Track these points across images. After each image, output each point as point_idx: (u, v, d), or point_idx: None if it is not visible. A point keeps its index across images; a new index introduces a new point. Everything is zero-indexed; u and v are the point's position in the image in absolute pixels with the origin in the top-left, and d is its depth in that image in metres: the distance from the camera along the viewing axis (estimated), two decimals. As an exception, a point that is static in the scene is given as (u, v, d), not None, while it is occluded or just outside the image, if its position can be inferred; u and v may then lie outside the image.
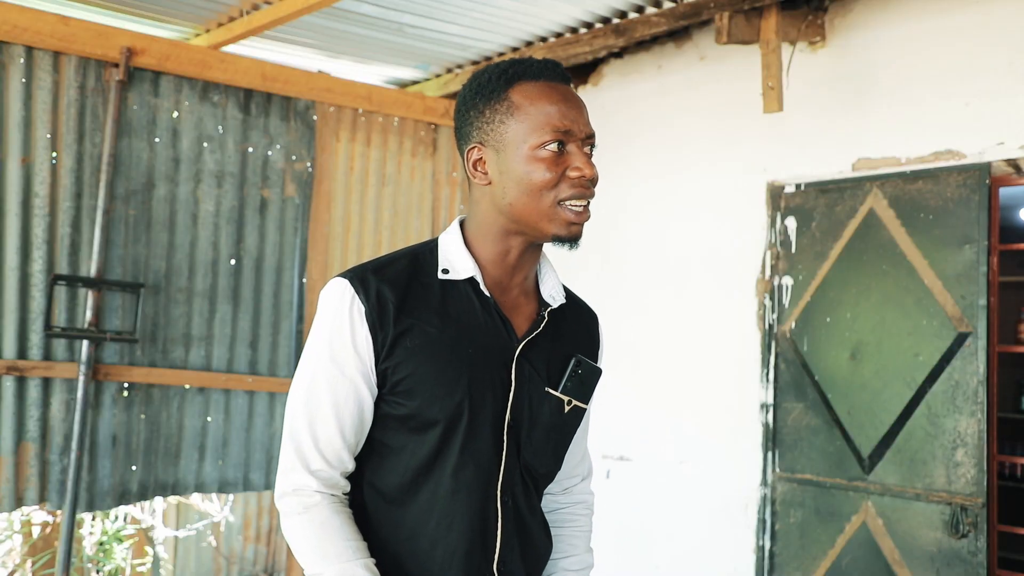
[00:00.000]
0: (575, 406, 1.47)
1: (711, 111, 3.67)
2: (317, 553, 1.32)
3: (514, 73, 1.38)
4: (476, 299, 1.41)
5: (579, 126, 1.36)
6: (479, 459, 1.38)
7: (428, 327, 1.36)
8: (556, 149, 1.34)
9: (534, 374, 1.43)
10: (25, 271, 3.26)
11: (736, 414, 3.46)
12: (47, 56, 3.30)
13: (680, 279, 3.73)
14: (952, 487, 2.85)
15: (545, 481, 1.52)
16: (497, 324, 1.41)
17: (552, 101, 1.36)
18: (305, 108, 3.88)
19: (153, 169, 3.51)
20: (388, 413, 1.38)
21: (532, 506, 1.48)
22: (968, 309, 2.86)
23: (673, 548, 3.62)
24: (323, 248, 3.90)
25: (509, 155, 1.36)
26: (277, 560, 4.74)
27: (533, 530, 1.48)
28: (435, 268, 1.42)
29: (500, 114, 1.37)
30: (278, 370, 3.78)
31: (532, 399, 1.43)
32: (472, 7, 3.35)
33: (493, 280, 1.43)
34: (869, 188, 3.13)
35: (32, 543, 4.03)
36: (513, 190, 1.37)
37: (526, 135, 1.35)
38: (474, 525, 1.38)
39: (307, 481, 1.35)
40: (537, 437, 1.44)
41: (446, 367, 1.36)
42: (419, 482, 1.38)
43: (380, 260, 1.43)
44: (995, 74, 2.86)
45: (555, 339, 1.47)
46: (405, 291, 1.38)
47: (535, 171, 1.34)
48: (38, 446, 3.27)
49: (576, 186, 1.35)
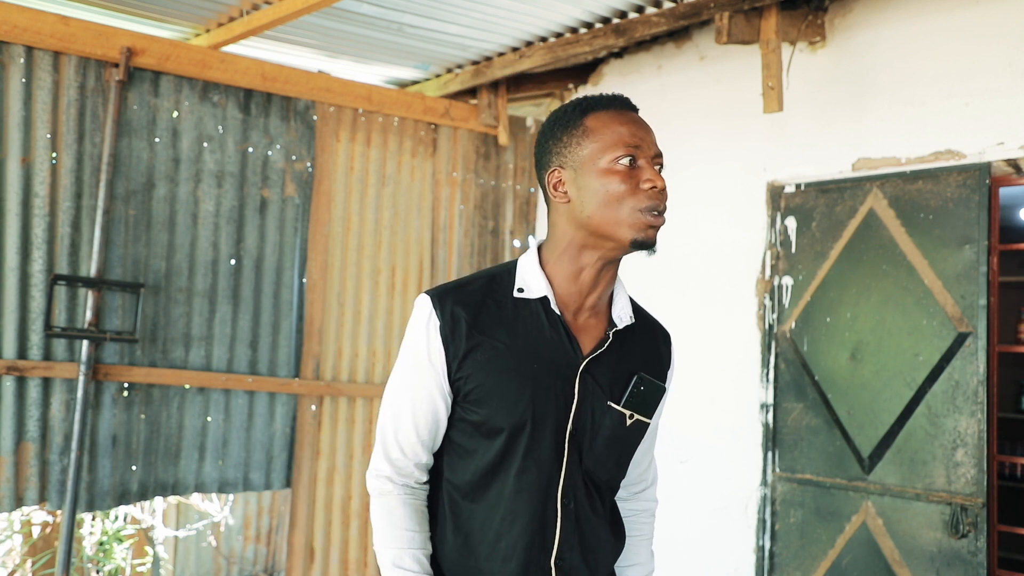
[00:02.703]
0: (637, 420, 1.59)
1: (711, 111, 3.67)
2: (381, 535, 1.54)
3: (588, 104, 1.53)
4: (546, 317, 1.54)
5: (648, 144, 1.50)
6: (540, 464, 1.52)
7: (497, 343, 1.51)
8: (628, 164, 1.47)
9: (597, 389, 1.55)
10: (25, 271, 3.26)
11: (736, 414, 3.46)
12: (47, 56, 3.30)
13: (680, 279, 3.73)
14: (952, 487, 2.85)
15: (608, 488, 1.63)
16: (564, 341, 1.54)
17: (622, 123, 1.50)
18: (305, 108, 3.88)
19: (153, 169, 3.51)
20: (463, 418, 1.55)
21: (596, 509, 1.59)
22: (968, 309, 2.86)
23: (673, 548, 3.62)
24: (323, 248, 3.90)
25: (586, 172, 1.49)
26: (277, 560, 4.74)
27: (597, 531, 1.60)
28: (511, 287, 1.56)
29: (576, 138, 1.51)
30: (278, 370, 3.78)
31: (595, 412, 1.55)
32: (472, 7, 3.35)
33: (565, 300, 1.56)
34: (869, 188, 3.13)
35: (32, 543, 4.03)
36: (591, 203, 1.49)
37: (601, 152, 1.48)
38: (534, 522, 1.53)
39: (385, 467, 1.56)
40: (599, 447, 1.57)
41: (512, 380, 1.51)
42: (488, 481, 1.54)
43: (461, 280, 1.59)
44: (995, 74, 2.86)
45: (620, 357, 1.59)
46: (478, 309, 1.53)
47: (611, 183, 1.47)
48: (38, 446, 3.27)
49: (650, 197, 1.47)
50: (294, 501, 3.86)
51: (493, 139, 4.38)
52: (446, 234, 4.26)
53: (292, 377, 3.81)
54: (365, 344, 4.00)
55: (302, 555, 3.89)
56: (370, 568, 4.02)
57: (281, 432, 3.78)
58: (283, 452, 3.79)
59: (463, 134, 4.30)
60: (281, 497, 4.71)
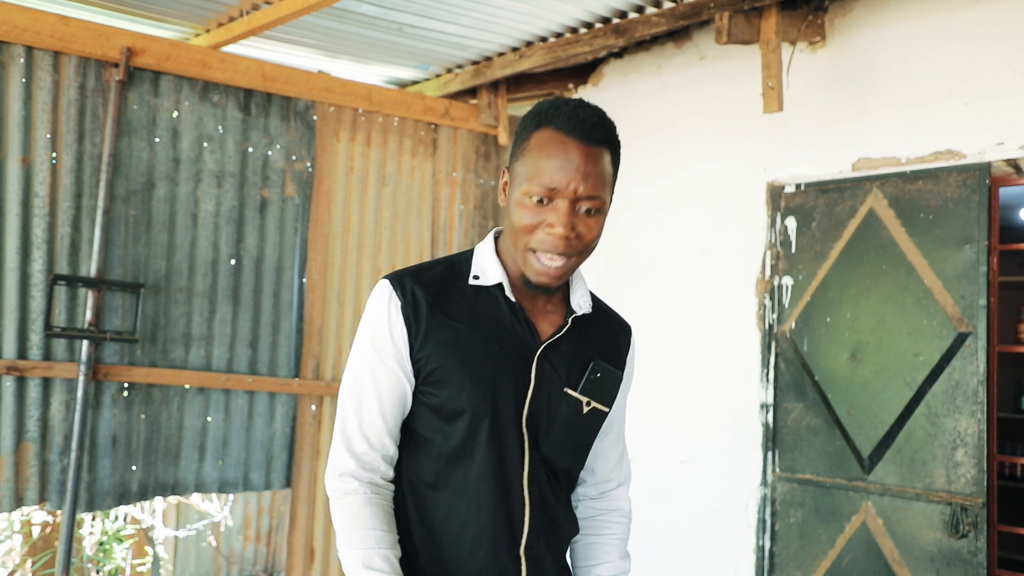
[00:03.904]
0: (594, 408, 1.57)
1: (711, 111, 3.67)
2: (347, 537, 1.45)
3: (546, 117, 1.46)
4: (504, 303, 1.53)
5: (575, 184, 1.41)
6: (504, 450, 1.50)
7: (458, 325, 1.49)
8: (538, 202, 1.43)
9: (554, 374, 1.54)
10: (25, 271, 3.26)
11: (736, 414, 3.46)
12: (47, 56, 3.30)
13: (680, 279, 3.73)
14: (952, 487, 2.85)
15: (567, 476, 1.61)
16: (522, 327, 1.53)
17: (557, 155, 1.42)
18: (305, 108, 3.88)
19: (153, 169, 3.51)
20: (423, 403, 1.51)
21: (558, 496, 1.58)
22: (968, 309, 2.86)
23: (673, 548, 3.62)
24: (323, 248, 3.90)
25: (512, 190, 1.49)
26: (277, 560, 4.74)
27: (559, 518, 1.58)
28: (468, 274, 1.55)
29: (520, 150, 1.48)
30: (278, 370, 3.78)
31: (551, 397, 1.53)
32: (472, 7, 3.35)
33: (522, 288, 1.54)
34: (869, 188, 3.13)
35: (32, 543, 4.03)
36: (509, 220, 1.49)
37: (524, 178, 1.44)
38: (501, 510, 1.50)
39: (349, 464, 1.49)
40: (555, 433, 1.54)
41: (473, 361, 1.48)
42: (451, 468, 1.51)
43: (420, 265, 1.57)
44: (995, 74, 2.86)
45: (579, 344, 1.58)
46: (438, 292, 1.51)
47: (516, 213, 1.45)
48: (38, 446, 3.27)
49: (546, 242, 1.43)
50: (294, 501, 3.86)
51: (493, 139, 4.38)
52: (446, 234, 4.26)
53: (292, 377, 3.81)
54: (365, 344, 3.99)
55: (302, 555, 3.89)
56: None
57: (281, 432, 3.78)
58: (283, 452, 3.79)
59: (463, 134, 4.30)
60: (281, 497, 4.71)
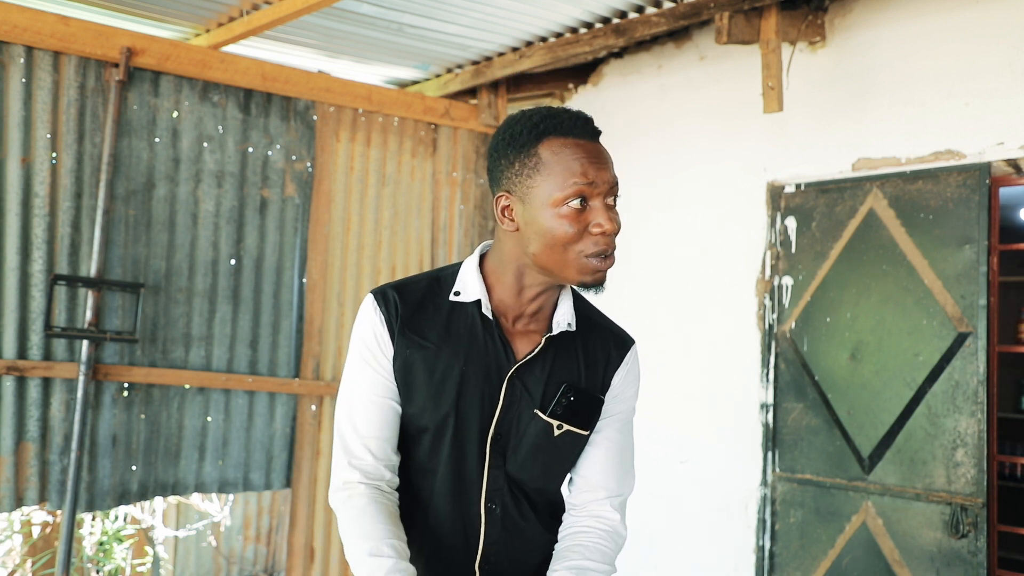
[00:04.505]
0: (568, 431, 1.53)
1: (711, 111, 3.67)
2: (352, 534, 1.44)
3: (544, 128, 1.42)
4: (480, 321, 1.51)
5: (602, 179, 1.41)
6: (463, 467, 1.51)
7: (426, 343, 1.49)
8: (578, 205, 1.40)
9: (526, 395, 1.52)
10: (25, 271, 3.26)
11: (736, 414, 3.46)
12: (47, 56, 3.30)
13: (680, 279, 3.73)
14: (952, 487, 2.85)
15: (540, 496, 1.59)
16: (496, 345, 1.51)
17: (576, 156, 1.40)
18: (305, 108, 3.88)
19: (153, 169, 3.51)
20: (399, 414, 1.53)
21: (524, 515, 1.57)
22: (968, 309, 2.86)
23: (673, 548, 3.62)
24: (323, 248, 3.90)
25: (535, 208, 1.42)
26: (277, 560, 4.74)
27: (527, 536, 1.57)
28: (450, 290, 1.53)
29: (528, 168, 1.42)
30: (278, 370, 3.78)
31: (521, 418, 1.52)
32: (472, 7, 3.35)
33: (503, 306, 1.52)
34: (869, 188, 3.13)
35: (32, 543, 4.03)
36: (537, 242, 1.42)
37: (551, 191, 1.40)
38: (458, 525, 1.52)
39: (351, 475, 1.48)
40: (522, 454, 1.53)
41: (436, 380, 1.49)
42: (418, 480, 1.54)
43: (405, 280, 1.57)
44: (995, 74, 2.86)
45: (556, 365, 1.54)
46: (415, 308, 1.51)
47: (558, 227, 1.40)
48: (38, 446, 3.27)
49: (597, 243, 1.41)
50: (294, 501, 3.86)
51: (493, 139, 4.38)
52: (446, 234, 4.26)
53: (292, 377, 3.81)
54: (365, 344, 3.99)
55: (302, 555, 3.89)
56: (370, 568, 4.02)
57: (281, 432, 3.78)
58: (283, 452, 3.79)
59: (463, 134, 4.30)
60: (281, 497, 4.71)
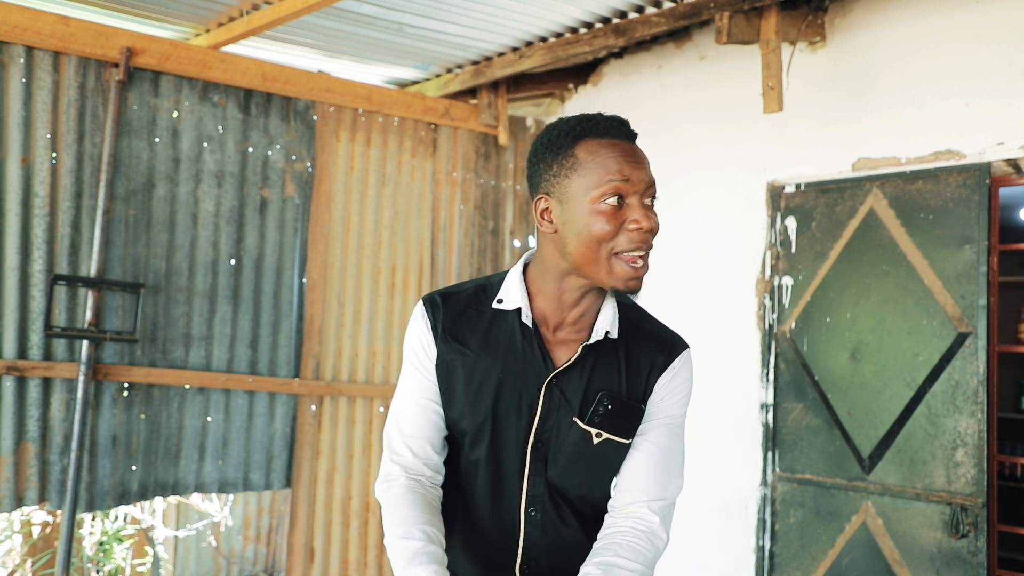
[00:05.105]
0: (607, 439, 1.54)
1: (711, 111, 3.67)
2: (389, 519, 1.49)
3: (581, 130, 1.46)
4: (520, 330, 1.54)
5: (638, 178, 1.43)
6: (502, 472, 1.55)
7: (466, 349, 1.54)
8: (615, 203, 1.41)
9: (565, 403, 1.53)
10: (25, 271, 3.26)
11: (736, 414, 3.46)
12: (47, 56, 3.30)
13: (680, 279, 3.73)
14: (952, 487, 2.85)
15: (585, 502, 1.59)
16: (535, 353, 1.53)
17: (613, 155, 1.43)
18: (305, 108, 3.88)
19: (153, 169, 3.51)
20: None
21: (567, 522, 1.58)
22: (968, 309, 2.86)
23: (673, 548, 3.62)
24: (323, 248, 3.90)
25: (572, 207, 1.44)
26: (277, 560, 4.74)
27: (569, 541, 1.58)
28: (494, 298, 1.57)
29: (565, 169, 1.45)
30: (278, 370, 3.78)
31: (560, 426, 1.54)
32: (472, 7, 3.35)
33: (544, 314, 1.55)
34: (869, 188, 3.13)
35: (32, 543, 4.03)
36: (574, 241, 1.44)
37: (587, 189, 1.42)
38: (496, 529, 1.57)
39: (392, 469, 1.55)
40: (563, 461, 1.55)
41: (474, 386, 1.53)
42: (461, 481, 1.60)
43: (454, 286, 1.63)
44: (995, 74, 2.86)
45: (593, 373, 1.54)
46: (458, 316, 1.56)
47: (595, 223, 1.42)
48: (38, 446, 3.27)
49: (633, 240, 1.42)
50: (294, 501, 3.86)
51: (493, 139, 4.38)
52: (446, 234, 4.26)
53: (292, 377, 3.81)
54: (365, 344, 4.00)
55: (302, 555, 3.89)
56: (370, 568, 4.02)
57: (281, 432, 3.78)
58: (283, 452, 3.79)
59: (463, 134, 4.30)
60: (281, 497, 4.71)
